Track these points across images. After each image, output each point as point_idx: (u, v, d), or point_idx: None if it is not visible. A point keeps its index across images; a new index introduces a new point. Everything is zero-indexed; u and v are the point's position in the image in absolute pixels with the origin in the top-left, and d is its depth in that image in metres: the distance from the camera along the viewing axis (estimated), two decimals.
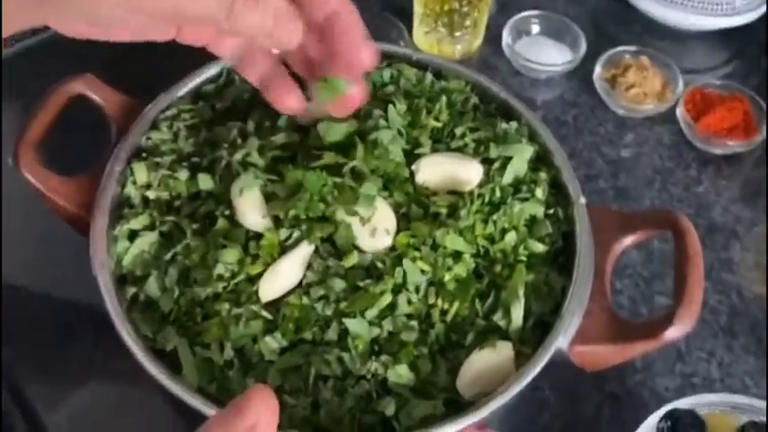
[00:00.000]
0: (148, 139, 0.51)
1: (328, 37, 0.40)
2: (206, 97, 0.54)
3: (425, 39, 0.75)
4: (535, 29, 0.77)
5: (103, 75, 0.54)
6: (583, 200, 0.49)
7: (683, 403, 0.46)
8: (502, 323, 0.44)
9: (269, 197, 0.46)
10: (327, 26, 0.40)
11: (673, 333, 0.42)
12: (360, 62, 0.41)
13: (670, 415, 0.44)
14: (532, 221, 0.48)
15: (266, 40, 0.39)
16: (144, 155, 0.50)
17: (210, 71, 0.54)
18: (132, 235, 0.47)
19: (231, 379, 0.43)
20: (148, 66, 0.60)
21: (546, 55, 0.74)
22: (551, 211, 0.49)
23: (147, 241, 0.47)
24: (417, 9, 0.74)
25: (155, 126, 0.52)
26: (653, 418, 0.45)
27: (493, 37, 0.77)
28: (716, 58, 0.80)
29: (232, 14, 0.35)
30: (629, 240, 0.48)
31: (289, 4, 0.38)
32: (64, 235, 0.51)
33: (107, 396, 0.54)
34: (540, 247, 0.47)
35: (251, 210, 0.45)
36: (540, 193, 0.49)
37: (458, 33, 0.74)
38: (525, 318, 0.44)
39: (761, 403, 0.46)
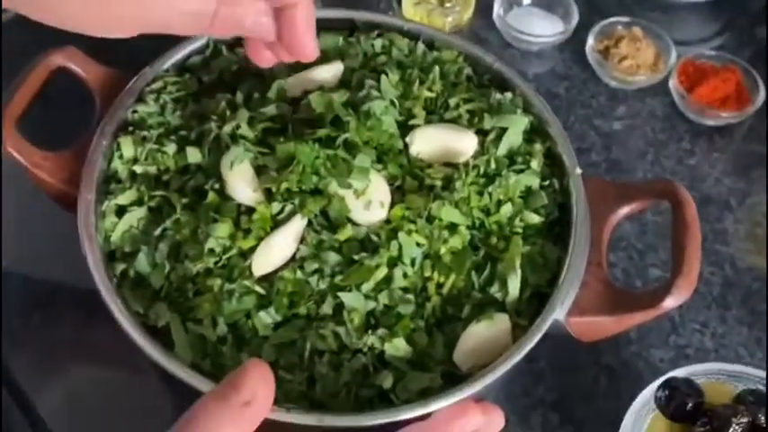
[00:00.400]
0: (134, 112, 0.49)
1: (279, 24, 0.41)
2: (192, 69, 0.53)
3: (415, 10, 0.74)
4: (527, 0, 0.76)
5: (86, 47, 0.53)
6: (579, 171, 0.48)
7: (680, 372, 0.46)
8: (498, 295, 0.44)
9: (260, 170, 0.45)
10: (281, 15, 0.41)
11: (671, 302, 0.42)
12: (301, 57, 0.43)
13: (667, 384, 0.44)
14: (528, 193, 0.48)
15: None
16: (130, 128, 0.49)
17: (196, 43, 0.53)
18: (120, 210, 0.46)
19: (225, 355, 0.42)
20: (132, 37, 0.59)
21: (537, 26, 0.73)
22: (547, 183, 0.48)
23: (136, 217, 0.46)
24: None
25: (141, 99, 0.50)
26: (650, 388, 0.45)
27: (484, 8, 0.75)
28: (708, 29, 0.79)
29: (214, 26, 0.38)
30: (625, 211, 0.47)
31: (268, 17, 0.40)
32: (48, 213, 0.50)
33: (100, 377, 0.53)
34: (535, 219, 0.47)
35: (242, 183, 0.44)
36: (535, 164, 0.48)
37: (448, 4, 0.73)
38: (522, 289, 0.44)
39: (757, 372, 0.46)
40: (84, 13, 0.35)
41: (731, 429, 0.40)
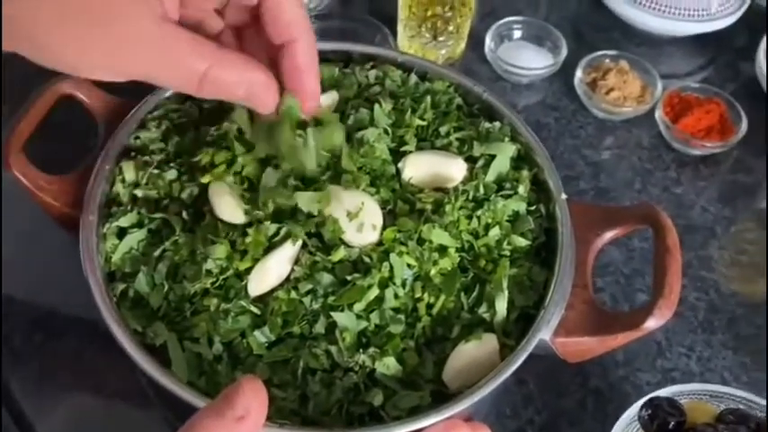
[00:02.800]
0: (137, 138, 0.51)
1: (280, 65, 0.39)
2: (194, 97, 0.54)
3: (410, 43, 0.77)
4: (517, 34, 0.78)
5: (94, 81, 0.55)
6: (564, 196, 0.50)
7: (663, 392, 0.47)
8: (486, 316, 0.45)
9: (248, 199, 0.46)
10: (282, 54, 0.39)
11: (652, 323, 0.43)
12: (301, 96, 0.40)
13: (650, 403, 0.45)
14: (515, 217, 0.49)
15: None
16: (132, 154, 0.51)
17: None
18: (121, 232, 0.47)
19: (220, 373, 0.43)
20: None
21: (527, 60, 0.75)
22: (533, 208, 0.50)
23: (136, 238, 0.47)
24: (402, 14, 0.75)
25: (143, 126, 0.52)
26: (634, 407, 0.46)
27: (476, 42, 0.78)
28: (693, 63, 0.82)
29: (203, 88, 0.35)
30: (609, 235, 0.49)
31: (267, 73, 0.37)
32: (50, 235, 0.51)
33: (100, 396, 0.54)
34: (522, 242, 0.48)
35: (228, 209, 0.46)
36: (522, 189, 0.50)
37: (441, 38, 0.75)
38: (509, 311, 0.45)
39: (738, 392, 0.48)
40: (74, 57, 0.33)
41: None
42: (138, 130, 0.52)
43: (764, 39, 0.77)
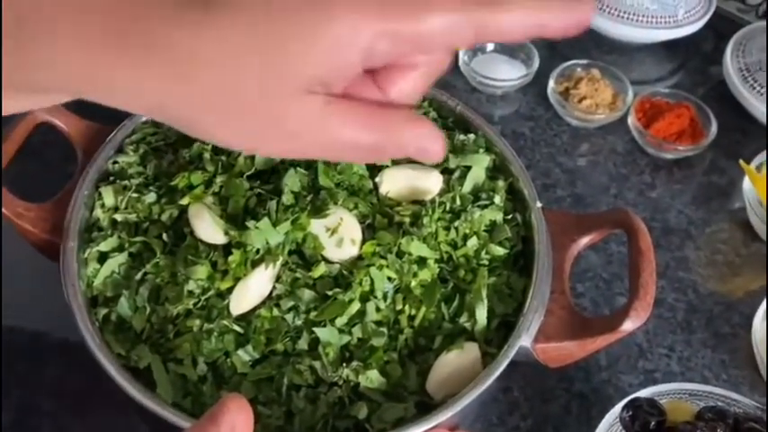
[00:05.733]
0: (115, 163, 0.52)
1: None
2: None
3: None
4: (490, 47, 0.79)
5: (67, 103, 0.55)
6: (539, 204, 0.51)
7: (644, 393, 0.48)
8: (467, 325, 0.46)
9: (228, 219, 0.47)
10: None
11: (629, 325, 0.44)
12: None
13: (631, 404, 0.46)
14: (492, 227, 0.50)
15: None
16: (111, 178, 0.51)
17: None
18: (102, 257, 0.48)
19: (205, 393, 0.43)
20: None
21: (501, 71, 0.77)
22: (510, 216, 0.51)
23: (117, 262, 0.47)
24: None
25: (121, 150, 0.52)
26: (616, 409, 0.47)
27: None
28: (663, 69, 0.84)
29: (370, 158, 0.31)
30: (584, 241, 0.50)
31: (429, 125, 0.31)
32: (31, 262, 0.51)
33: (83, 421, 0.53)
34: (500, 251, 0.49)
35: (208, 230, 0.46)
36: (498, 199, 0.51)
37: None
38: (489, 319, 0.46)
39: (717, 390, 0.48)
40: (240, 144, 0.30)
41: None
42: (117, 155, 0.52)
43: (731, 43, 0.79)
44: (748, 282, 0.65)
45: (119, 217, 0.49)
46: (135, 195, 0.49)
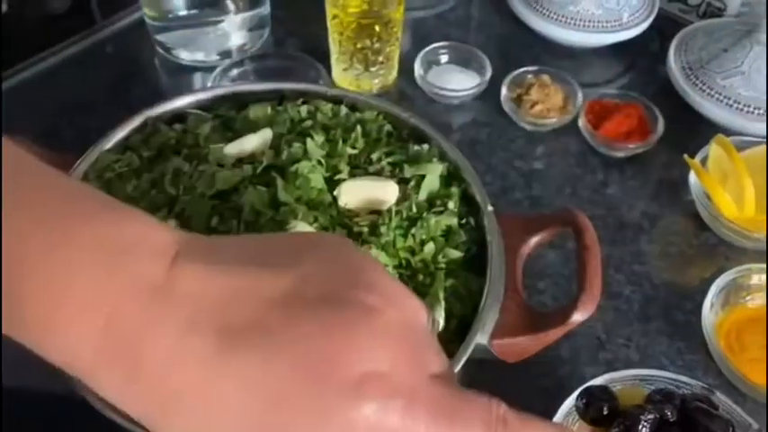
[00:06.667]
0: None
1: None
2: (133, 147, 0.57)
3: (344, 76, 0.80)
4: (444, 58, 0.82)
5: (33, 135, 0.56)
6: (490, 208, 0.53)
7: (597, 381, 0.50)
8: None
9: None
10: None
11: (578, 317, 0.46)
12: None
13: (585, 392, 0.49)
14: (448, 232, 0.52)
15: None
16: None
17: (136, 122, 0.57)
18: None
19: None
20: (80, 127, 0.63)
21: (456, 82, 0.79)
22: (464, 221, 0.53)
23: None
24: (333, 49, 0.79)
25: (86, 179, 0.54)
26: (571, 399, 0.49)
27: (407, 69, 0.82)
28: (612, 71, 0.87)
29: None
30: (534, 240, 0.52)
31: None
32: None
33: None
34: (456, 254, 0.51)
35: None
36: (452, 205, 0.53)
37: (373, 69, 0.79)
38: (448, 320, 0.48)
39: (666, 374, 0.51)
40: None
41: (640, 425, 0.44)
42: (82, 183, 0.54)
43: (674, 42, 0.83)
44: (700, 270, 0.68)
45: None
46: None
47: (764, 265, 0.64)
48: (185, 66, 0.83)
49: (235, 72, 0.80)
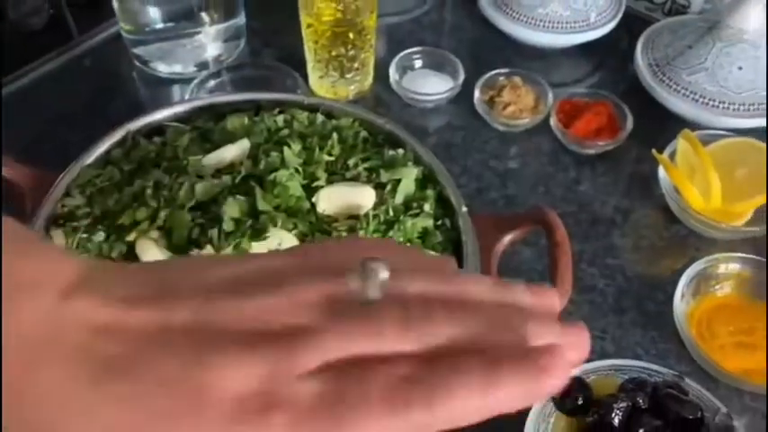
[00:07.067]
0: (63, 206, 0.54)
1: None
2: (114, 161, 0.58)
3: (321, 83, 0.82)
4: (418, 63, 0.84)
5: (15, 152, 0.58)
6: (465, 209, 0.55)
7: (572, 372, 0.52)
8: None
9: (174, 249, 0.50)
10: None
11: None
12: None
13: None
14: (424, 233, 0.54)
15: None
16: (61, 221, 0.54)
17: (116, 137, 0.58)
18: None
19: None
20: (61, 142, 0.64)
21: (430, 86, 0.81)
22: (440, 222, 0.55)
23: None
24: (308, 57, 0.80)
25: (68, 194, 0.55)
26: None
27: (383, 75, 0.83)
28: (581, 70, 0.89)
29: None
30: (507, 239, 0.54)
31: None
32: None
33: None
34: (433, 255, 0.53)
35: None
36: (428, 207, 0.55)
37: (349, 75, 0.80)
38: None
39: (638, 363, 0.53)
40: None
41: (613, 413, 0.46)
42: (64, 198, 0.55)
43: (641, 40, 0.85)
44: (671, 261, 0.70)
45: None
46: (85, 236, 0.52)
47: (731, 255, 0.66)
48: (163, 78, 0.84)
49: (212, 83, 0.81)
